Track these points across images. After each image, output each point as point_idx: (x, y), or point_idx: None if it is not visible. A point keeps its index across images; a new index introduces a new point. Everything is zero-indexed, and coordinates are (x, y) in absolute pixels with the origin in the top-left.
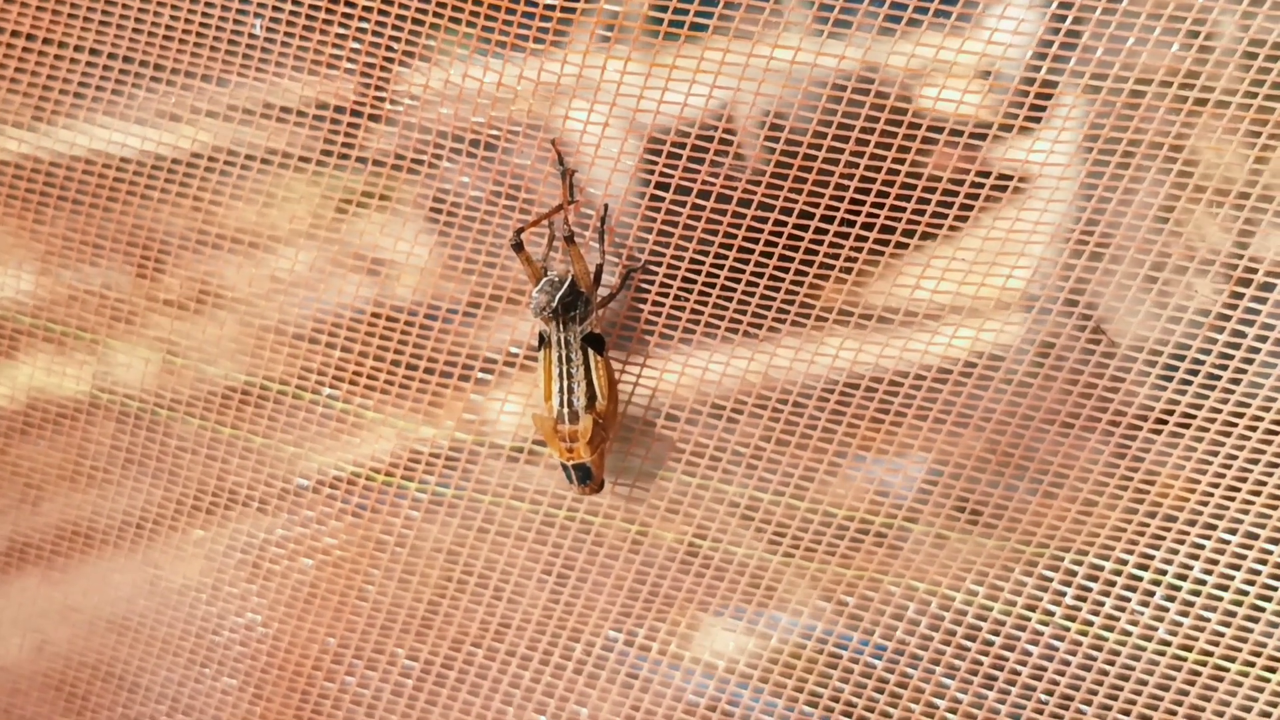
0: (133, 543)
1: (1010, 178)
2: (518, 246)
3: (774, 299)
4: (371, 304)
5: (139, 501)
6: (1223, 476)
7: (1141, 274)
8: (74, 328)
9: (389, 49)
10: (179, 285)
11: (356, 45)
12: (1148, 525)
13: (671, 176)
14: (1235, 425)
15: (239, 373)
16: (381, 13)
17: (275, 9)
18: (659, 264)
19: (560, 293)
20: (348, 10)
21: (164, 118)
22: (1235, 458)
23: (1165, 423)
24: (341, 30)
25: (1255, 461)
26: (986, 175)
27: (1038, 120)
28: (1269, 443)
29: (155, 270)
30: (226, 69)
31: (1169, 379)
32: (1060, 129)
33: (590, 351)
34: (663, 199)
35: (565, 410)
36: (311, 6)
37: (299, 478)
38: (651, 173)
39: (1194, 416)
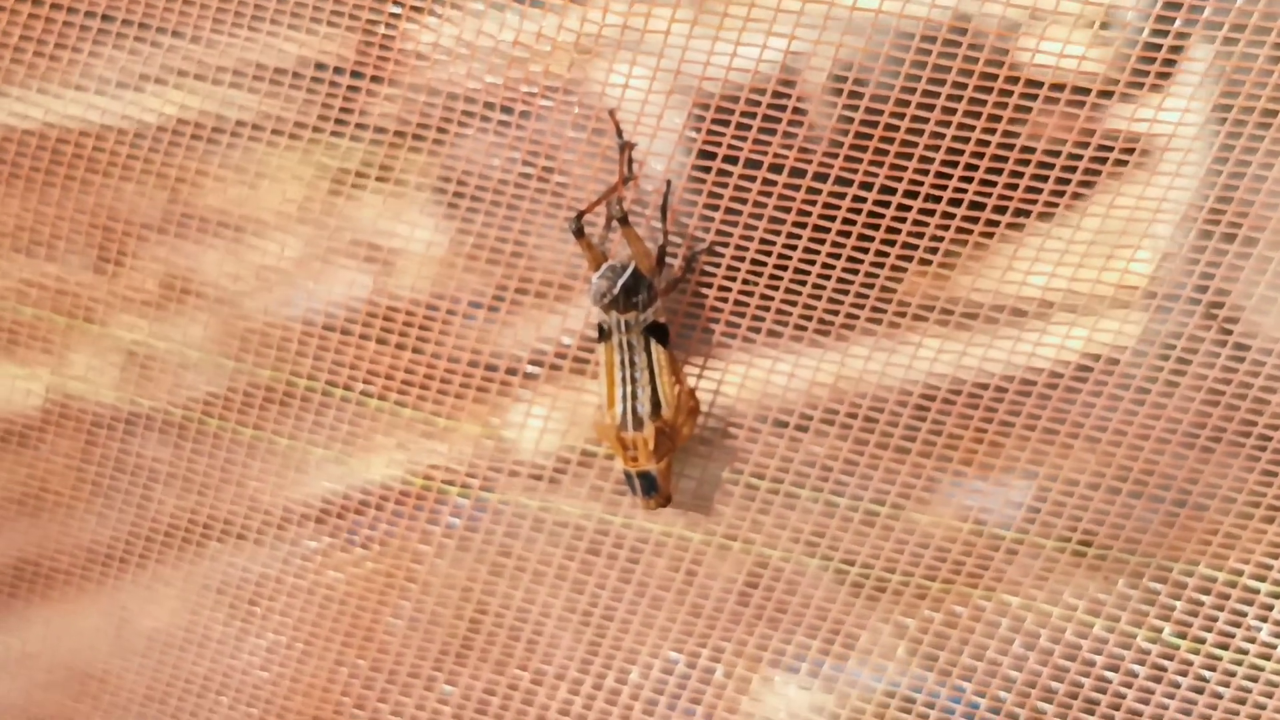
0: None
1: (1131, 148)
2: (578, 232)
3: (847, 290)
4: (372, 297)
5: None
6: None
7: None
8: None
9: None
10: (150, 277)
11: None
12: (1264, 531)
13: (739, 150)
14: None
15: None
16: None
17: None
18: (720, 256)
19: (623, 279)
20: None
21: (134, 79)
22: None
23: None
24: None
25: None
26: (1107, 145)
27: (1163, 79)
28: None
29: (119, 258)
30: (217, 27)
31: None
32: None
33: (654, 346)
34: (727, 175)
35: (630, 418)
36: None
37: None
38: (711, 147)
39: None
